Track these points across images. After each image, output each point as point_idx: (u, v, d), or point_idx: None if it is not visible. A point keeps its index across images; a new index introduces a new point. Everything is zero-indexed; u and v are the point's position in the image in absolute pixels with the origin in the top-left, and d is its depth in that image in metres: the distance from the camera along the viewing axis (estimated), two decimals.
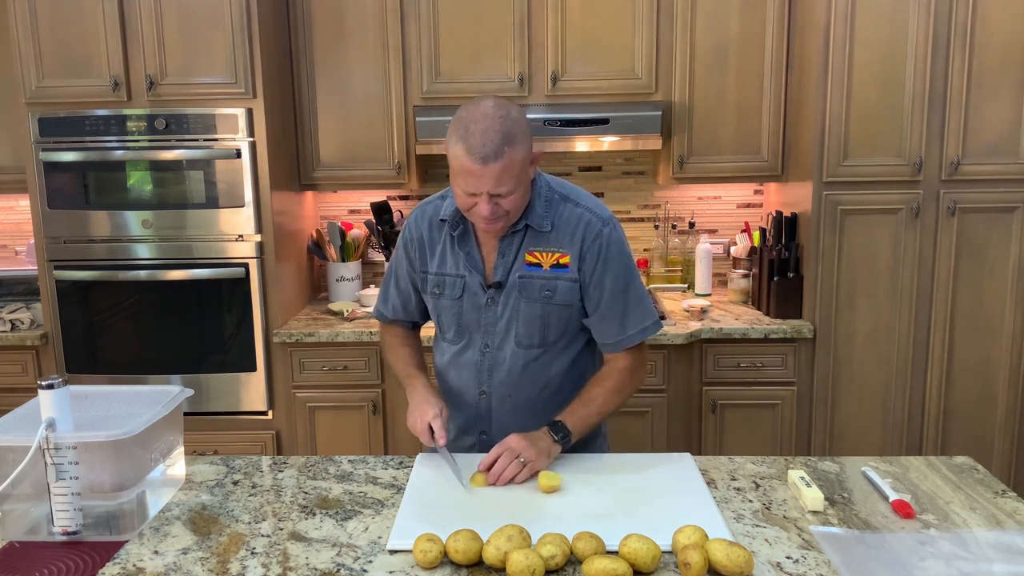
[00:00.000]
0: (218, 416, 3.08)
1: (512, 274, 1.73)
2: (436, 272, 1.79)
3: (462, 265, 1.76)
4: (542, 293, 1.72)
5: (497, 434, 1.74)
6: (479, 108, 1.57)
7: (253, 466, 1.76)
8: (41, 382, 1.41)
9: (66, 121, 2.93)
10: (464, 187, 1.59)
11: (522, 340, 1.76)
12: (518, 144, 1.56)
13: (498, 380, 1.79)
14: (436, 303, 1.82)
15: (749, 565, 1.28)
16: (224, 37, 2.88)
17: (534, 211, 1.71)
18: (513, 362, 1.77)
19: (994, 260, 2.90)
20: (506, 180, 1.57)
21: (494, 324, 1.77)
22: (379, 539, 1.43)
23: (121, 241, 3.00)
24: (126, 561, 1.38)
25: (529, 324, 1.75)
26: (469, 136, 1.54)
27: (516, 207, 1.64)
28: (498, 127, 1.54)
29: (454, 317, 1.79)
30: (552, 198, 1.73)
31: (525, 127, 1.60)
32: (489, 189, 1.57)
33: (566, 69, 3.11)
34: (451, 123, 1.60)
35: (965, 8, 2.76)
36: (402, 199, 3.56)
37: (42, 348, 3.13)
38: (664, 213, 3.53)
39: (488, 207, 1.59)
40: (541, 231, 1.71)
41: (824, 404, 2.99)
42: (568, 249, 1.71)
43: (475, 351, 1.80)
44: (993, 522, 1.45)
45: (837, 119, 2.84)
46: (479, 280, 1.75)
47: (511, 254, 1.73)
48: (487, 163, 1.54)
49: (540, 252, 1.72)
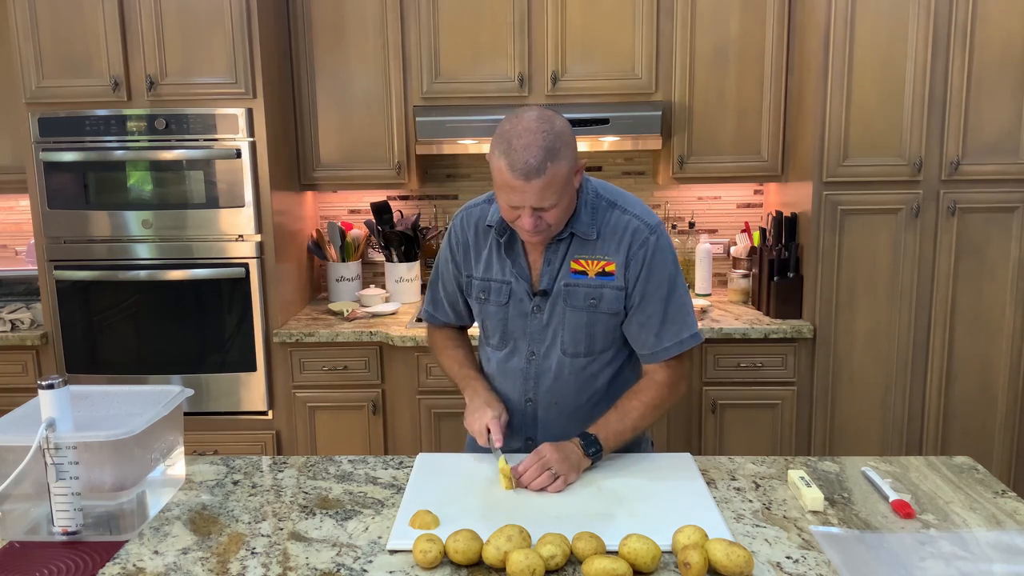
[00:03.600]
0: (218, 416, 3.08)
1: (558, 282, 1.71)
2: (482, 277, 1.78)
3: (508, 271, 1.74)
4: (587, 301, 1.70)
5: (543, 441, 1.73)
6: (522, 122, 1.55)
7: (253, 466, 1.76)
8: (41, 382, 1.41)
9: (66, 121, 2.93)
10: (507, 200, 1.58)
11: (568, 348, 1.74)
12: (561, 159, 1.54)
13: (544, 388, 1.78)
14: (481, 308, 1.80)
15: (749, 565, 1.28)
16: (224, 37, 2.88)
17: (580, 219, 1.68)
18: (559, 370, 1.76)
19: (994, 260, 2.90)
20: (549, 195, 1.55)
21: (540, 332, 1.75)
22: (379, 539, 1.43)
23: (121, 241, 3.00)
24: (126, 561, 1.38)
25: (575, 332, 1.72)
26: (512, 151, 1.52)
27: (559, 219, 1.62)
28: (541, 142, 1.51)
29: (499, 323, 1.78)
30: (599, 205, 1.71)
31: (569, 140, 1.57)
32: (532, 204, 1.55)
33: (566, 69, 3.12)
34: (494, 136, 1.57)
35: (965, 8, 2.76)
36: (402, 199, 3.56)
37: (42, 348, 3.13)
38: (664, 213, 3.53)
39: (531, 221, 1.58)
40: (587, 239, 1.69)
41: (824, 404, 2.99)
42: (614, 257, 1.69)
43: (521, 358, 1.78)
44: (993, 522, 1.45)
45: (837, 119, 2.84)
46: (525, 287, 1.73)
47: (557, 262, 1.71)
48: (530, 179, 1.51)
49: (586, 260, 1.69)
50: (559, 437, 1.69)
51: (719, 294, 3.43)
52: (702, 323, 2.97)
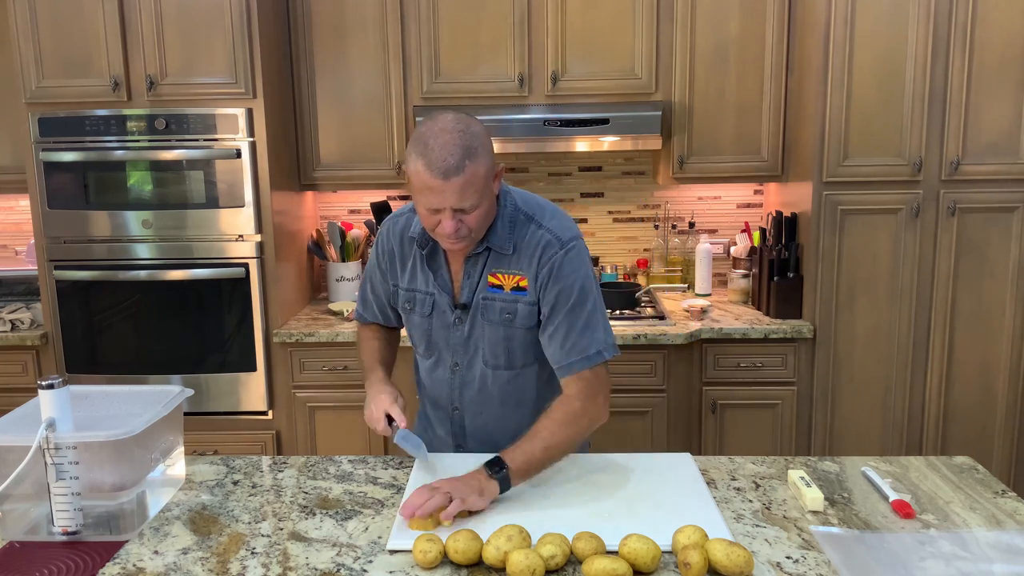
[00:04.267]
0: (218, 416, 3.08)
1: (476, 295, 1.71)
2: (407, 288, 1.78)
3: (431, 283, 1.74)
4: (503, 316, 1.70)
5: (473, 449, 1.79)
6: (438, 123, 1.54)
7: (253, 466, 1.76)
8: (41, 382, 1.41)
9: (66, 121, 2.93)
10: (427, 204, 1.56)
11: (488, 361, 1.75)
12: (480, 157, 1.53)
13: (468, 398, 1.80)
14: (407, 318, 1.82)
15: (749, 565, 1.28)
16: (224, 37, 2.88)
17: (496, 233, 1.67)
18: (483, 382, 1.77)
19: (994, 260, 2.90)
20: (469, 194, 1.53)
21: (463, 344, 1.76)
22: (379, 539, 1.43)
23: (121, 241, 3.00)
24: (126, 561, 1.38)
25: (494, 346, 1.73)
26: (429, 151, 1.51)
27: (480, 224, 1.61)
28: (458, 141, 1.51)
29: (424, 334, 1.79)
30: (517, 219, 1.69)
31: (486, 141, 1.57)
32: (452, 204, 1.53)
33: (566, 69, 3.12)
34: (410, 140, 1.57)
35: (965, 8, 2.76)
36: (402, 199, 3.56)
37: (42, 348, 3.12)
38: (664, 213, 3.53)
39: (452, 224, 1.56)
40: (503, 253, 1.68)
41: (824, 404, 2.99)
42: (527, 272, 1.68)
43: (445, 368, 1.80)
44: (993, 522, 1.46)
45: (837, 119, 2.84)
46: (447, 300, 1.74)
47: (476, 275, 1.71)
48: (448, 177, 1.50)
49: (502, 274, 1.69)
50: (487, 444, 1.73)
51: (719, 294, 3.43)
52: (702, 323, 2.97)
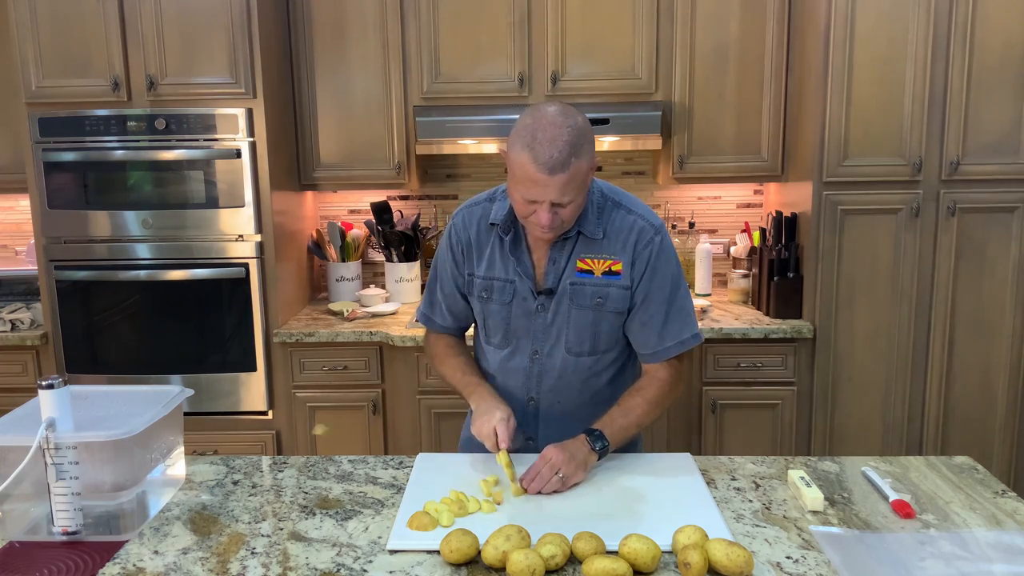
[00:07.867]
0: (218, 416, 3.08)
1: (563, 281, 1.71)
2: (484, 276, 1.76)
3: (512, 270, 1.73)
4: (594, 300, 1.70)
5: (543, 440, 1.73)
6: (546, 115, 1.53)
7: (253, 466, 1.76)
8: (41, 382, 1.41)
9: (66, 121, 2.93)
10: (525, 195, 1.56)
11: (572, 347, 1.74)
12: (584, 154, 1.53)
13: (547, 387, 1.78)
14: (483, 307, 1.79)
15: (749, 565, 1.28)
16: (224, 37, 2.88)
17: (587, 218, 1.68)
18: (563, 369, 1.76)
19: (994, 260, 2.90)
20: (570, 191, 1.54)
21: (544, 331, 1.74)
22: (379, 539, 1.43)
23: (121, 241, 3.00)
24: (126, 561, 1.38)
25: (580, 331, 1.73)
26: (536, 144, 1.50)
27: (573, 216, 1.62)
28: (566, 136, 1.50)
29: (502, 322, 1.77)
30: (604, 204, 1.71)
31: (591, 136, 1.57)
32: (552, 199, 1.54)
33: (566, 69, 3.11)
34: (515, 128, 1.56)
35: (965, 8, 2.76)
36: (402, 199, 3.56)
37: (42, 348, 3.12)
38: (664, 213, 3.52)
39: (548, 216, 1.56)
40: (593, 238, 1.69)
41: (824, 404, 2.99)
42: (620, 256, 1.69)
43: (524, 357, 1.78)
44: (993, 522, 1.45)
45: (837, 119, 2.84)
46: (529, 286, 1.73)
47: (563, 260, 1.71)
48: (554, 174, 1.50)
49: (592, 259, 1.69)
50: (560, 435, 1.68)
51: (719, 294, 3.43)
52: (702, 323, 2.97)
